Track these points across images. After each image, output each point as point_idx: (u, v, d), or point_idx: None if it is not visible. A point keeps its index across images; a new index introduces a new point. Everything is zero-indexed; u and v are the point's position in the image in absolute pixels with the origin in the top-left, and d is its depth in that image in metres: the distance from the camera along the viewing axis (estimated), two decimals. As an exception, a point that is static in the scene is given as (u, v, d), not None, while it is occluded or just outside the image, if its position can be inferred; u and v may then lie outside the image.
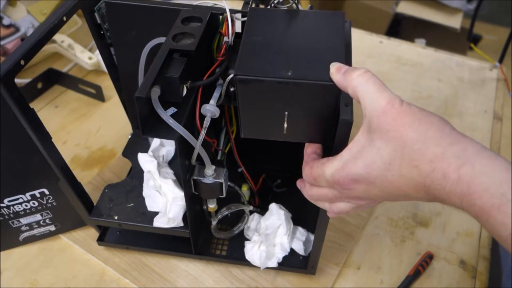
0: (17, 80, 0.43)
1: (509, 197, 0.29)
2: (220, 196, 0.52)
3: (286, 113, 0.40)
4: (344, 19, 0.44)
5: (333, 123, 0.40)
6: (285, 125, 0.41)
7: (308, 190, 0.42)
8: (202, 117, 0.45)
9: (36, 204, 0.57)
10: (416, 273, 0.60)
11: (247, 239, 0.59)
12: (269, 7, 0.49)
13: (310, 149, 0.43)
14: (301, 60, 0.39)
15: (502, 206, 0.29)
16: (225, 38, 0.48)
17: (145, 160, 0.59)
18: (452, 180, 0.31)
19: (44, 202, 0.57)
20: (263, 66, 0.39)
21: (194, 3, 0.52)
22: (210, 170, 0.49)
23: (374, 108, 0.34)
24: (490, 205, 0.30)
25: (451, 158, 0.31)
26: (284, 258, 0.57)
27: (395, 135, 0.33)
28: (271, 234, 0.57)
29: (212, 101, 0.45)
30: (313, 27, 0.43)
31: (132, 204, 0.59)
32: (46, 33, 0.46)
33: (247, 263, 0.57)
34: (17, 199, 0.56)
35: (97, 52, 0.64)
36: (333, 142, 0.40)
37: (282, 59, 0.40)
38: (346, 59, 0.40)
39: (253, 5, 0.51)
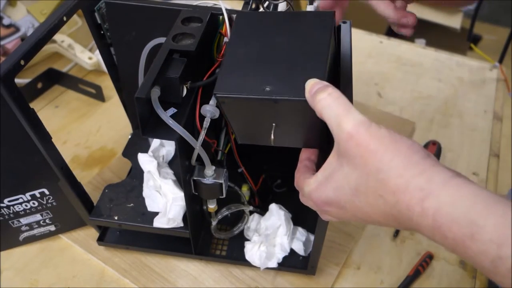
0: (17, 80, 0.43)
1: (480, 223, 0.27)
2: (220, 197, 0.52)
3: (274, 124, 0.40)
4: (333, 18, 0.41)
5: (325, 128, 0.39)
6: (272, 136, 0.40)
7: (300, 195, 0.41)
8: (202, 118, 0.45)
9: (36, 204, 0.57)
10: (416, 273, 0.60)
11: (247, 239, 0.59)
12: (262, 8, 0.48)
13: (304, 155, 0.42)
14: (281, 73, 0.38)
15: (475, 234, 0.27)
16: (225, 39, 0.48)
17: (145, 160, 0.59)
18: (417, 213, 0.30)
19: (44, 202, 0.57)
20: (242, 83, 0.38)
21: (194, 3, 0.52)
22: (210, 170, 0.49)
23: (340, 132, 0.33)
24: (462, 235, 0.28)
25: (414, 191, 0.30)
26: (284, 258, 0.57)
27: (360, 162, 0.32)
28: (271, 235, 0.57)
29: (212, 102, 0.45)
30: (300, 31, 0.41)
31: (132, 204, 0.59)
32: (46, 33, 0.46)
33: (247, 263, 0.57)
34: (17, 199, 0.56)
35: (97, 52, 0.64)
36: (328, 145, 0.39)
37: (262, 72, 0.39)
38: (333, 65, 0.39)
39: (253, 5, 0.51)
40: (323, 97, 0.34)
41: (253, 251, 0.56)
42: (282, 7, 0.46)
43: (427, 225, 0.29)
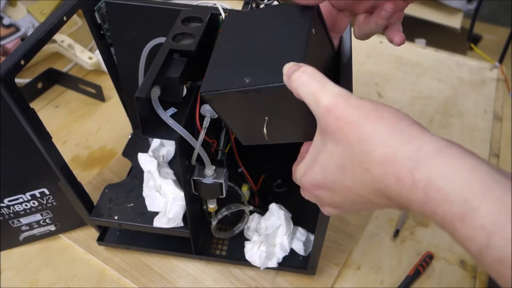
0: (17, 80, 0.43)
1: (473, 205, 0.24)
2: (220, 196, 0.52)
3: (266, 118, 0.39)
4: (316, 10, 0.40)
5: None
6: (265, 130, 0.40)
7: (300, 189, 0.39)
8: (202, 118, 0.45)
9: (36, 204, 0.57)
10: (416, 273, 0.60)
11: (247, 239, 0.59)
12: (252, 5, 0.48)
13: (304, 148, 0.41)
14: (262, 64, 0.38)
15: (466, 216, 0.24)
16: None
17: (145, 160, 0.59)
18: (407, 186, 0.27)
19: (44, 202, 0.57)
20: (225, 78, 0.39)
21: (194, 3, 0.52)
22: (210, 170, 0.49)
23: (318, 109, 0.31)
24: (451, 215, 0.25)
25: (402, 161, 0.27)
26: (284, 258, 0.57)
27: (341, 137, 0.30)
28: (271, 234, 0.57)
29: (212, 101, 0.45)
30: (282, 24, 0.40)
31: (132, 204, 0.59)
32: (46, 33, 0.46)
33: (247, 263, 0.57)
34: (17, 199, 0.56)
35: (97, 52, 0.64)
36: None
37: (244, 66, 0.39)
38: (308, 53, 0.37)
39: (253, 5, 0.51)
40: (297, 76, 0.33)
41: (253, 251, 0.56)
42: None
43: (417, 199, 0.27)
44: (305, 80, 0.32)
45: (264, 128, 0.40)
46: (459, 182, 0.25)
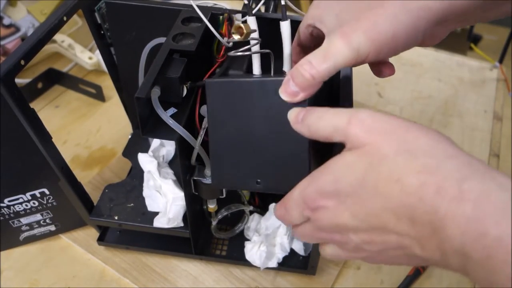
0: (17, 80, 0.43)
1: None
2: (220, 197, 0.52)
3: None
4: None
5: None
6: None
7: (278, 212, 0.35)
8: (202, 118, 0.45)
9: (36, 204, 0.57)
10: (416, 273, 0.60)
11: (247, 239, 0.59)
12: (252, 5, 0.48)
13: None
14: (269, 164, 0.38)
15: None
16: (225, 39, 0.48)
17: (145, 160, 0.59)
18: (450, 196, 0.23)
19: (44, 202, 0.57)
20: (234, 175, 0.41)
21: (194, 3, 0.52)
22: (210, 170, 0.49)
23: (339, 130, 0.29)
24: (507, 234, 0.20)
25: (449, 172, 0.24)
26: (284, 258, 0.57)
27: (370, 148, 0.27)
28: (271, 234, 0.57)
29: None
30: (274, 107, 0.37)
31: (132, 204, 0.59)
32: (46, 33, 0.46)
33: (247, 263, 0.57)
34: (17, 199, 0.56)
35: (97, 52, 0.64)
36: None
37: (249, 163, 0.40)
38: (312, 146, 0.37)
39: (253, 5, 0.51)
40: (308, 117, 0.32)
41: (253, 251, 0.56)
42: (251, 21, 0.44)
43: (463, 215, 0.22)
44: (320, 115, 0.31)
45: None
46: None
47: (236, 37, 0.38)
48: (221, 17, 0.49)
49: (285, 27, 0.40)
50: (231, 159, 0.40)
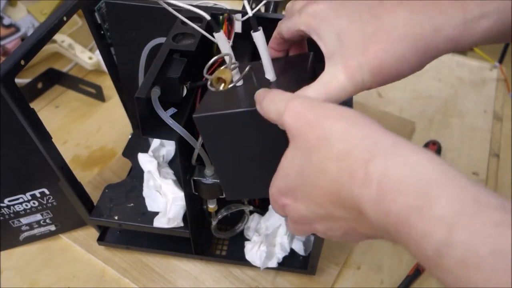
0: (17, 80, 0.43)
1: (433, 193, 0.21)
2: (220, 196, 0.52)
3: None
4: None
5: None
6: None
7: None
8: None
9: (36, 204, 0.57)
10: (416, 273, 0.60)
11: (247, 239, 0.59)
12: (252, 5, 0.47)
13: None
14: (273, 171, 0.37)
15: (424, 208, 0.21)
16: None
17: (145, 160, 0.59)
18: (359, 180, 0.24)
19: (44, 202, 0.58)
20: (245, 188, 0.43)
21: (194, 3, 0.52)
22: (210, 170, 0.49)
23: (280, 118, 0.30)
24: (408, 209, 0.21)
25: (358, 153, 0.25)
26: (284, 258, 0.57)
27: (300, 140, 0.28)
28: (271, 234, 0.57)
29: (212, 101, 0.45)
30: (266, 133, 0.37)
31: (132, 204, 0.59)
32: (46, 33, 0.46)
33: (247, 263, 0.57)
34: (18, 199, 0.56)
35: (97, 52, 0.64)
36: None
37: (257, 175, 0.40)
38: None
39: (253, 5, 0.51)
40: (264, 100, 0.33)
41: (253, 251, 0.56)
42: (238, 21, 0.45)
43: (370, 197, 0.23)
44: (272, 98, 0.32)
45: None
46: (417, 170, 0.22)
47: (221, 87, 0.38)
48: (221, 17, 0.49)
49: (258, 37, 0.38)
50: (238, 176, 0.41)
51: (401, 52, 0.31)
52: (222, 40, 0.40)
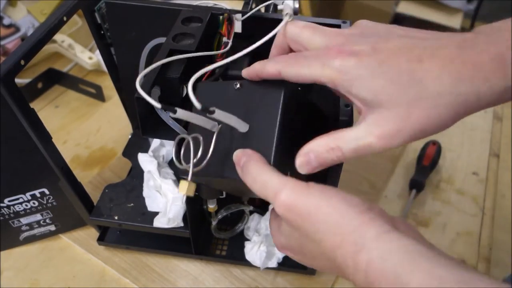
0: (17, 80, 0.43)
1: (405, 280, 0.26)
2: (220, 196, 0.52)
3: None
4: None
5: None
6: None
7: None
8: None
9: (36, 204, 0.57)
10: (416, 273, 0.60)
11: (247, 239, 0.59)
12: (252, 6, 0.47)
13: None
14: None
15: None
16: (224, 39, 0.48)
17: (145, 160, 0.59)
18: (351, 268, 0.29)
19: (44, 202, 0.58)
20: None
21: (194, 3, 0.52)
22: (210, 170, 0.49)
23: (267, 197, 0.33)
24: None
25: (348, 246, 0.29)
26: (284, 258, 0.57)
27: (296, 226, 0.32)
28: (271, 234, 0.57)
29: (212, 101, 0.45)
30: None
31: (132, 204, 0.59)
32: (46, 33, 0.46)
33: (247, 263, 0.57)
34: (17, 199, 0.56)
35: (97, 52, 0.64)
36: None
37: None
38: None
39: (253, 5, 0.51)
40: (239, 169, 0.34)
41: (253, 251, 0.56)
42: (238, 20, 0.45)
43: (361, 280, 0.28)
44: (254, 178, 0.33)
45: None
46: (392, 260, 0.27)
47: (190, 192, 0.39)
48: (221, 17, 0.49)
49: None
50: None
51: (444, 119, 0.30)
52: (186, 117, 0.35)
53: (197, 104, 0.32)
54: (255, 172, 0.33)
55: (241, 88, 0.38)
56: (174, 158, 0.36)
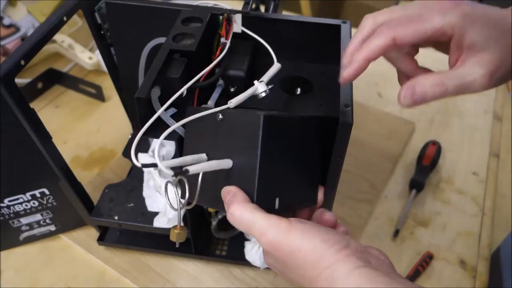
0: (17, 80, 0.43)
1: None
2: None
3: None
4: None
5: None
6: None
7: None
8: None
9: (36, 204, 0.57)
10: (416, 273, 0.60)
11: (247, 239, 0.59)
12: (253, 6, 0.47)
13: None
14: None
15: None
16: (222, 39, 0.48)
17: (145, 160, 0.59)
18: None
19: (44, 202, 0.58)
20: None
21: (194, 3, 0.52)
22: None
23: (253, 234, 0.35)
24: None
25: (323, 281, 0.33)
26: (284, 258, 0.57)
27: (280, 260, 0.35)
28: (271, 234, 0.57)
29: (211, 102, 0.45)
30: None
31: (132, 204, 0.59)
32: (46, 33, 0.46)
33: (247, 263, 0.57)
34: (17, 199, 0.56)
35: (97, 52, 0.64)
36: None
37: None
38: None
39: (253, 6, 0.51)
40: (230, 213, 0.36)
41: (253, 251, 0.56)
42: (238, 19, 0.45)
43: None
44: (238, 220, 0.35)
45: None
46: None
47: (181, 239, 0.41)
48: (221, 17, 0.49)
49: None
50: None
51: None
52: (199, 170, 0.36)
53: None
54: (239, 213, 0.35)
55: (223, 119, 0.38)
56: (167, 203, 0.38)
